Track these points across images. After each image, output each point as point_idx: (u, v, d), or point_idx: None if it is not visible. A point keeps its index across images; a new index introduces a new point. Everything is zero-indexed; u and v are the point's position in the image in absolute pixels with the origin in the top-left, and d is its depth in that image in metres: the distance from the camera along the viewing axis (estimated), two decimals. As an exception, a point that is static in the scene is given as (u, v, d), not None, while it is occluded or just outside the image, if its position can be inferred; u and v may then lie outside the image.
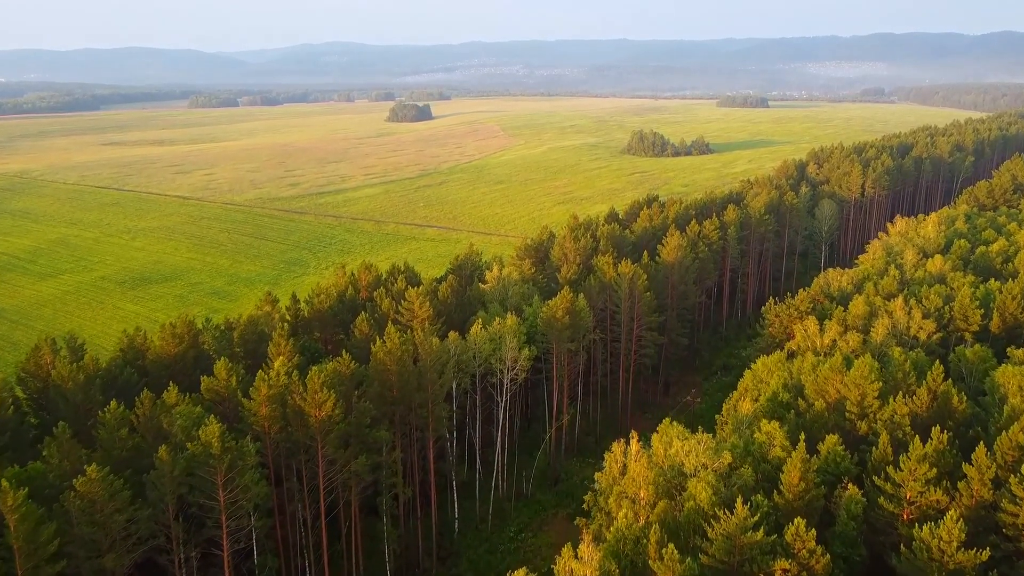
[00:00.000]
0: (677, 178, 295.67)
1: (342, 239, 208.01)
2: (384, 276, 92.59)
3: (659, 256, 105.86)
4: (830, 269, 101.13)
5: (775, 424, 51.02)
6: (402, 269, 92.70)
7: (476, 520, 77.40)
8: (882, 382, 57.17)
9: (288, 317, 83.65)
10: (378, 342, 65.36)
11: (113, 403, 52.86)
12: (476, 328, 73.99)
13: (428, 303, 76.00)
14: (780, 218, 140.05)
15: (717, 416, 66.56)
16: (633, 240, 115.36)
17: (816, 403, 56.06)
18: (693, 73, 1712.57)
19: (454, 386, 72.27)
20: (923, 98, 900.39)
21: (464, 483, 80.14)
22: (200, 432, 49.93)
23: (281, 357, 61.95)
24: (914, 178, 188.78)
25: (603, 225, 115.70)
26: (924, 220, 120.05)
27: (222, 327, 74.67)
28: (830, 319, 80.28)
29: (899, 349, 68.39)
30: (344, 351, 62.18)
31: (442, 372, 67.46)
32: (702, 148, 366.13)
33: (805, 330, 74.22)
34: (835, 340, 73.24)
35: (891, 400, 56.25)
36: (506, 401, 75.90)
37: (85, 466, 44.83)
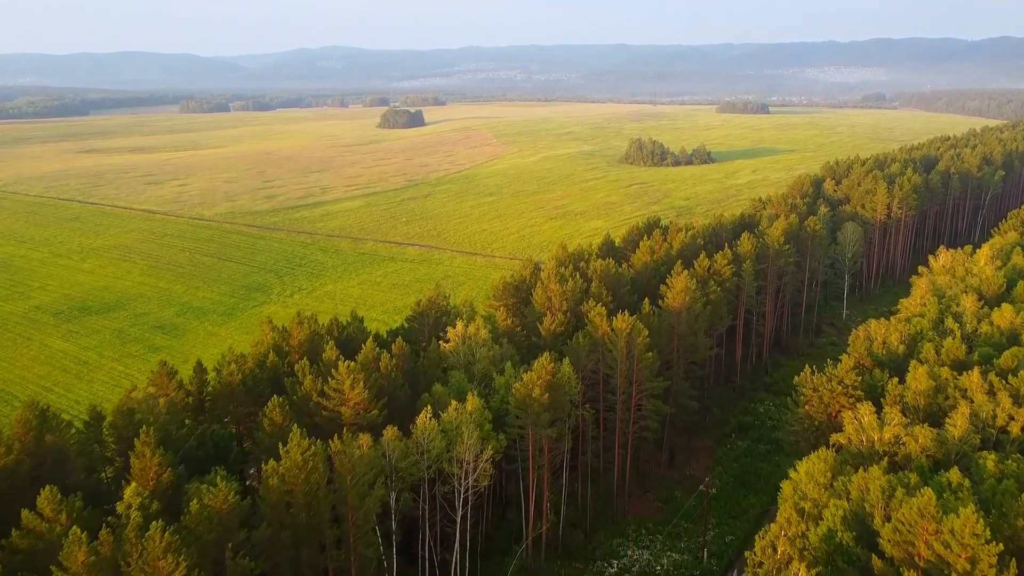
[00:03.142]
0: (678, 190, 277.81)
1: (313, 260, 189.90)
2: (324, 331, 74.33)
3: (663, 300, 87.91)
4: (872, 321, 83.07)
5: (851, 627, 33.06)
6: (342, 324, 74.28)
7: (426, 665, 59.39)
8: (997, 538, 39.03)
9: (191, 389, 65.63)
10: (281, 450, 47.26)
11: None
12: (423, 418, 55.91)
13: (362, 383, 57.79)
14: (800, 245, 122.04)
15: (747, 553, 48.42)
16: (632, 277, 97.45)
17: (904, 571, 37.94)
18: (692, 78, 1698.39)
19: (392, 499, 54.12)
20: (926, 104, 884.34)
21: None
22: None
23: (134, 484, 43.73)
24: (941, 196, 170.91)
25: (595, 260, 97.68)
26: (974, 253, 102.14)
27: (87, 419, 56.39)
28: (884, 398, 62.38)
29: (993, 457, 50.45)
30: (220, 479, 43.79)
31: (370, 491, 49.29)
32: (703, 157, 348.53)
33: (859, 421, 56.22)
34: (899, 435, 55.23)
35: (1012, 564, 38.23)
36: (465, 513, 57.74)
37: None
